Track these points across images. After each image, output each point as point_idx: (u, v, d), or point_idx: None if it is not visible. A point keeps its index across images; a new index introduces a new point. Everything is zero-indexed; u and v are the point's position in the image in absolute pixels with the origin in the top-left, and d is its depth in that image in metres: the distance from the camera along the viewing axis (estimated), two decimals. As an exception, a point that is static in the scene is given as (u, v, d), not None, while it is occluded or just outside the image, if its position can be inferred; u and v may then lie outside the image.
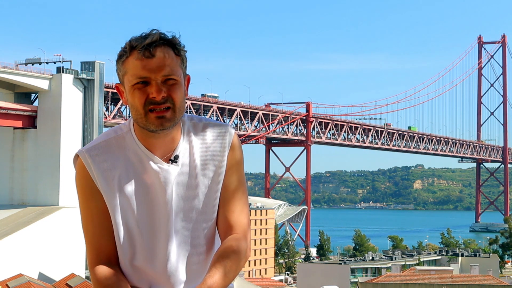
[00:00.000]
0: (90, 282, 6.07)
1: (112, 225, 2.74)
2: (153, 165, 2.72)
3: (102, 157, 2.72)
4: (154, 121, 2.60)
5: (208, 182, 2.79)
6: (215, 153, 2.79)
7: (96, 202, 2.73)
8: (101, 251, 2.76)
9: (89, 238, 2.77)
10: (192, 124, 2.81)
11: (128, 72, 2.62)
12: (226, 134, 2.82)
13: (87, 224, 2.77)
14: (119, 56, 2.65)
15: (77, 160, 2.74)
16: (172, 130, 2.70)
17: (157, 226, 2.75)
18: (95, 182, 2.71)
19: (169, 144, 2.73)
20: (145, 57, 2.58)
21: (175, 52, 2.63)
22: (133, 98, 2.62)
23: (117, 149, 2.74)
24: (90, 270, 2.78)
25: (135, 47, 2.60)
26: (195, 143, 2.78)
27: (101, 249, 2.76)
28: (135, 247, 2.76)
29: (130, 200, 2.72)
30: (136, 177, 2.73)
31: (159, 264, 2.77)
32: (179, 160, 2.74)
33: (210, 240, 2.86)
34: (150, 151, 2.72)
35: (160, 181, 2.72)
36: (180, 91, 2.63)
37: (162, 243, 2.76)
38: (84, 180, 2.73)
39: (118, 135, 2.76)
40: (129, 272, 2.79)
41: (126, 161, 2.73)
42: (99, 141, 2.75)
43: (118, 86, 2.72)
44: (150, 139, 2.70)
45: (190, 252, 2.81)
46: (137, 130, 2.72)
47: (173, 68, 2.61)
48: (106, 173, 2.71)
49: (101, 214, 2.74)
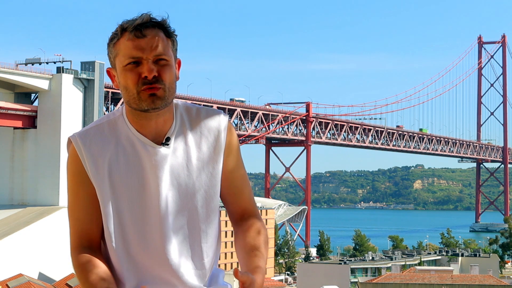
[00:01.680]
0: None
1: (100, 211, 2.71)
2: (144, 148, 2.70)
3: (93, 141, 2.70)
4: (146, 98, 2.59)
5: (202, 165, 2.76)
6: (209, 136, 2.79)
7: (84, 187, 2.71)
8: (83, 236, 2.74)
9: (73, 223, 2.77)
10: (185, 108, 2.80)
11: (119, 53, 2.62)
12: (220, 118, 2.84)
13: (73, 209, 2.77)
14: (110, 39, 2.65)
15: (70, 145, 2.73)
16: (164, 113, 2.70)
17: (148, 210, 2.71)
18: (85, 166, 2.69)
19: (161, 127, 2.71)
20: (136, 37, 2.59)
21: (166, 35, 2.65)
22: (125, 79, 2.62)
23: (109, 133, 2.72)
24: (71, 255, 2.76)
25: (126, 28, 2.61)
26: (188, 126, 2.77)
27: (83, 234, 2.74)
28: (127, 233, 2.71)
29: (120, 184, 2.70)
30: (126, 160, 2.71)
31: (154, 251, 2.71)
32: (171, 142, 2.73)
33: (209, 224, 2.80)
34: (142, 134, 2.71)
35: (151, 164, 2.69)
36: (171, 72, 2.64)
37: (155, 228, 2.70)
38: (74, 164, 2.71)
39: (110, 120, 2.75)
40: (121, 259, 2.72)
41: (117, 145, 2.71)
42: (92, 126, 2.75)
43: (110, 70, 2.71)
44: (142, 121, 2.69)
45: (188, 236, 2.76)
46: (129, 113, 2.71)
47: (164, 48, 2.62)
48: (96, 157, 2.68)
49: (89, 199, 2.72)
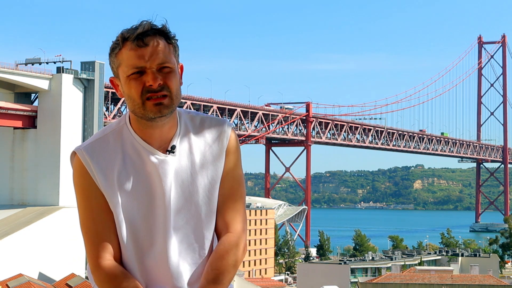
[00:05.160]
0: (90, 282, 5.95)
1: (114, 222, 2.69)
2: (150, 156, 2.69)
3: (100, 154, 2.68)
4: (152, 108, 2.59)
5: (206, 174, 2.76)
6: (213, 145, 2.78)
7: (96, 200, 2.68)
8: (106, 249, 2.68)
9: (91, 238, 2.70)
10: (189, 117, 2.80)
11: (122, 64, 2.61)
12: (224, 128, 2.81)
13: (87, 223, 2.71)
14: (112, 49, 2.64)
15: (75, 158, 2.70)
16: (169, 121, 2.69)
17: (155, 218, 2.71)
18: (94, 179, 2.67)
19: (166, 135, 2.71)
20: (139, 47, 2.58)
21: (167, 41, 2.64)
22: (129, 89, 2.61)
23: (114, 143, 2.71)
24: (95, 270, 2.68)
25: (127, 38, 2.59)
26: (192, 134, 2.77)
27: (105, 247, 2.68)
28: (139, 241, 2.71)
29: (130, 195, 2.69)
30: (134, 171, 2.70)
31: (159, 257, 2.72)
32: (176, 150, 2.72)
33: (210, 232, 2.81)
34: (147, 142, 2.70)
35: (158, 172, 2.69)
36: (176, 79, 2.64)
37: (160, 236, 2.71)
38: (83, 178, 2.69)
39: (114, 130, 2.74)
40: (133, 268, 2.73)
41: (124, 155, 2.70)
42: (96, 138, 2.73)
43: (113, 79, 2.70)
44: (147, 129, 2.68)
45: (191, 245, 2.77)
46: (134, 122, 2.71)
47: (166, 56, 2.61)
48: (105, 169, 2.67)
49: (103, 211, 2.69)
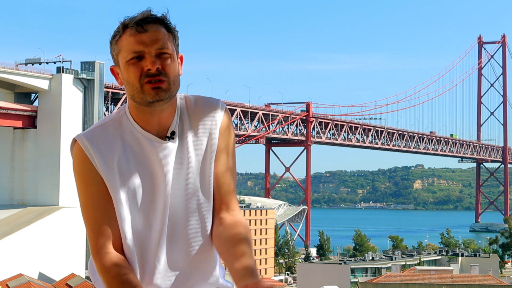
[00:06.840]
0: (90, 282, 5.90)
1: (114, 208, 2.70)
2: (150, 144, 2.72)
3: (100, 140, 2.70)
4: (150, 91, 2.62)
5: (204, 154, 2.79)
6: (207, 127, 2.81)
7: (97, 186, 2.68)
8: (107, 236, 2.69)
9: (92, 224, 2.70)
10: (184, 100, 2.82)
11: (122, 50, 2.65)
12: (218, 107, 2.84)
13: (88, 209, 2.71)
14: (113, 36, 2.68)
15: (75, 146, 2.72)
16: (167, 107, 2.71)
17: (156, 204, 2.73)
18: (95, 165, 2.68)
19: (164, 122, 2.73)
20: (138, 32, 2.62)
21: (167, 30, 2.68)
22: (128, 74, 2.64)
23: (114, 131, 2.73)
24: (96, 258, 2.68)
25: (127, 25, 2.64)
26: (188, 118, 2.79)
27: (106, 234, 2.69)
28: (139, 228, 2.72)
29: (131, 182, 2.70)
30: (134, 158, 2.72)
31: (158, 242, 2.74)
32: (176, 136, 2.75)
33: (211, 216, 2.83)
34: (146, 129, 2.72)
35: (158, 158, 2.71)
36: (174, 66, 2.67)
37: (159, 223, 2.73)
38: (83, 164, 2.69)
39: (114, 119, 2.76)
40: (131, 256, 2.73)
41: (123, 143, 2.72)
42: (96, 126, 2.76)
43: (113, 68, 2.73)
44: (146, 116, 2.70)
45: (193, 227, 2.79)
46: (133, 110, 2.73)
47: (165, 42, 2.65)
48: (105, 155, 2.69)
49: (103, 198, 2.69)
